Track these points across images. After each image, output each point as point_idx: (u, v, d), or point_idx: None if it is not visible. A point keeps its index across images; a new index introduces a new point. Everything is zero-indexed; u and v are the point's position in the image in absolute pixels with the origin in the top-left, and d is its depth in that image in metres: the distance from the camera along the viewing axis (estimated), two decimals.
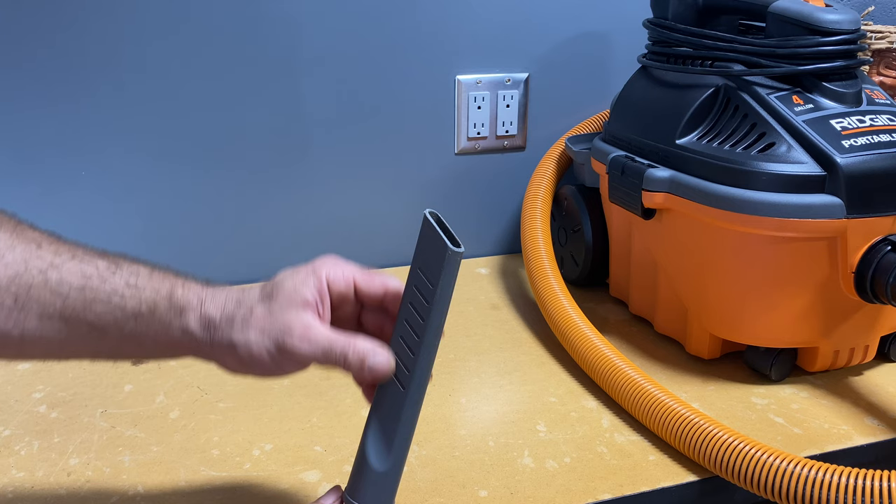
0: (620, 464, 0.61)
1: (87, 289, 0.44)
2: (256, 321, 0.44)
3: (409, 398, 0.44)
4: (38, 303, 0.43)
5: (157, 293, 0.45)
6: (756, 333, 0.70)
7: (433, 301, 0.43)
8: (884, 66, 0.93)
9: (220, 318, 0.45)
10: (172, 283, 0.46)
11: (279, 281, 0.46)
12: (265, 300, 0.45)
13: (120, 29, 0.82)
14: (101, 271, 0.45)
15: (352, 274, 0.46)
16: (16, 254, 0.43)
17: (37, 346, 0.45)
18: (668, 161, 0.72)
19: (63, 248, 0.45)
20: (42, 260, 0.44)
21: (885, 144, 0.64)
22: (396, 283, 0.46)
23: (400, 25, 0.91)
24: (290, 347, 0.44)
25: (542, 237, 0.85)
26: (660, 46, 0.78)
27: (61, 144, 0.85)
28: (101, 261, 0.45)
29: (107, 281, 0.45)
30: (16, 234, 0.44)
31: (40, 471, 0.60)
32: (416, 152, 0.98)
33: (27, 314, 0.43)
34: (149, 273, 0.46)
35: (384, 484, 0.46)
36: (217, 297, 0.46)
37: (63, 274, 0.44)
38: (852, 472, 0.52)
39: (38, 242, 0.45)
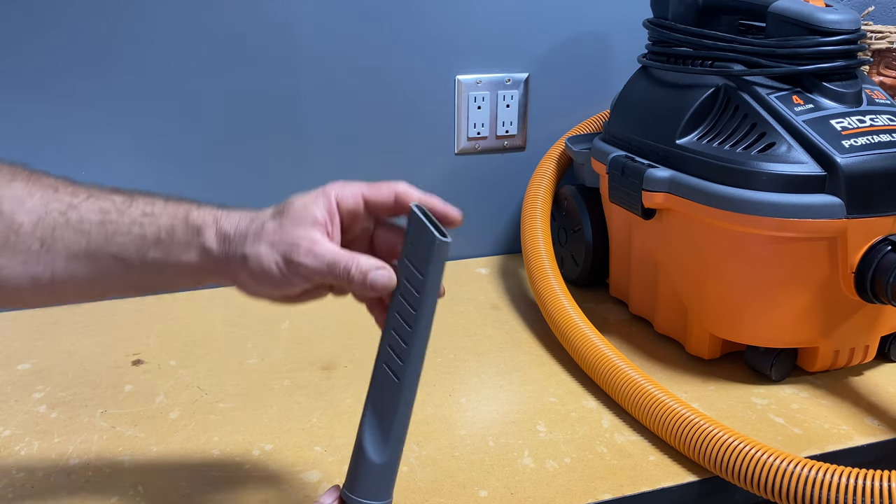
0: (620, 464, 0.61)
1: (106, 223, 0.46)
2: (267, 235, 0.46)
3: (403, 388, 0.45)
4: (63, 243, 0.46)
5: (174, 217, 0.47)
6: (756, 333, 0.70)
7: (423, 291, 0.44)
8: (884, 66, 0.93)
9: (234, 233, 0.47)
10: (187, 207, 0.48)
11: (291, 201, 0.47)
12: (276, 217, 0.46)
13: (119, 28, 0.82)
14: (117, 205, 0.47)
15: (359, 190, 0.47)
16: (35, 200, 0.46)
17: (68, 286, 0.47)
18: (668, 161, 0.72)
19: (80, 190, 0.47)
20: (61, 202, 0.46)
21: (885, 144, 0.64)
22: (405, 186, 0.47)
23: (400, 25, 0.91)
24: (297, 260, 0.45)
25: (542, 237, 0.85)
26: (660, 46, 0.78)
27: (61, 144, 0.85)
28: (117, 196, 0.48)
29: (124, 213, 0.47)
30: (32, 182, 0.47)
31: (40, 471, 0.60)
32: (416, 152, 0.98)
33: (54, 256, 0.46)
34: (164, 201, 0.48)
35: (383, 476, 0.46)
36: (231, 216, 0.48)
37: (82, 212, 0.46)
38: (852, 472, 0.52)
39: (54, 187, 0.47)
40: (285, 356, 0.78)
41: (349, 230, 0.48)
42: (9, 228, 0.45)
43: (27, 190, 0.46)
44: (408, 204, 0.46)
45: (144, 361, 0.76)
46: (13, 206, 0.45)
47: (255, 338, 0.82)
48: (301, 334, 0.82)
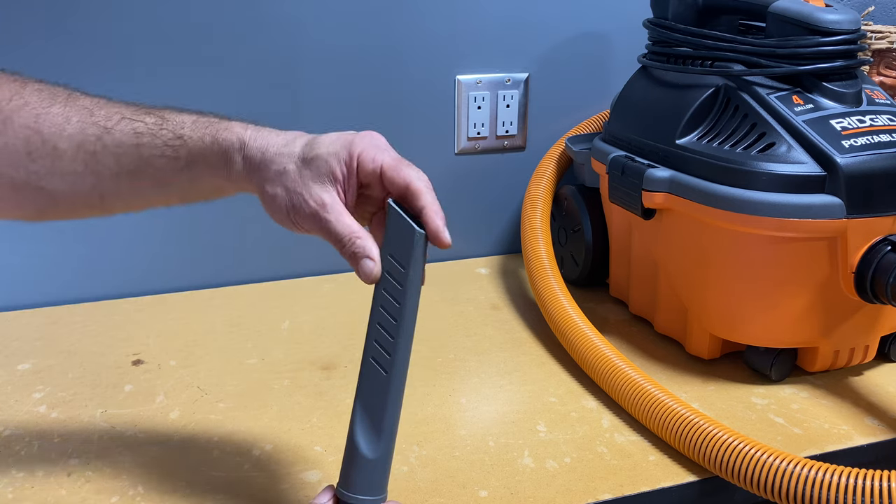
0: (620, 464, 0.61)
1: (141, 146, 0.49)
2: (285, 180, 0.48)
3: (392, 382, 0.46)
4: (104, 165, 0.49)
5: (202, 140, 0.49)
6: (756, 333, 0.70)
7: (406, 283, 0.46)
8: (884, 66, 0.93)
9: (259, 161, 0.49)
10: (216, 127, 0.50)
11: (318, 144, 0.48)
12: (300, 162, 0.48)
13: (120, 27, 0.82)
14: (150, 127, 0.49)
15: (381, 160, 0.48)
16: (73, 125, 0.48)
17: (116, 201, 0.51)
18: (668, 161, 0.72)
19: (113, 111, 0.50)
20: (97, 126, 0.49)
21: (885, 144, 0.64)
22: (420, 183, 0.47)
23: (400, 25, 0.91)
24: (302, 217, 0.48)
25: (542, 237, 0.85)
26: (660, 46, 0.78)
27: None
28: (149, 117, 0.50)
29: (157, 135, 0.49)
30: (69, 105, 0.49)
31: (40, 471, 0.60)
32: (416, 152, 0.97)
33: (98, 177, 0.49)
34: (192, 121, 0.50)
35: (376, 471, 0.46)
36: (259, 139, 0.49)
37: (117, 136, 0.49)
38: (852, 472, 0.52)
39: (90, 109, 0.49)
40: (285, 356, 0.78)
41: (366, 188, 0.49)
42: (53, 156, 0.48)
43: (65, 115, 0.48)
44: (415, 199, 0.47)
45: (144, 361, 0.77)
46: (54, 134, 0.48)
47: (255, 338, 0.82)
48: (301, 334, 0.82)
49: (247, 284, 0.95)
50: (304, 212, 0.47)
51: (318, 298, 0.91)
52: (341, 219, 0.47)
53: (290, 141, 0.49)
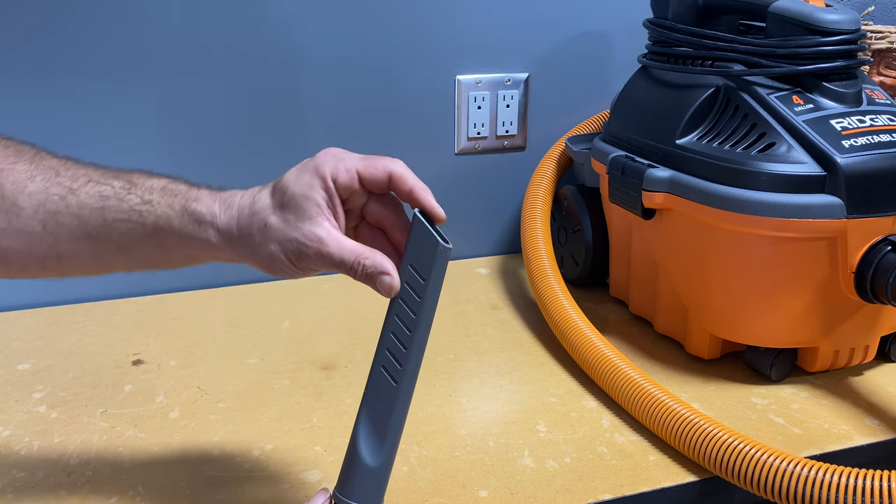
0: (620, 464, 0.61)
1: (106, 209, 0.47)
2: (274, 233, 0.46)
3: (400, 392, 0.45)
4: (65, 227, 0.47)
5: (171, 208, 0.47)
6: (756, 333, 0.70)
7: (424, 295, 0.45)
8: (884, 66, 0.93)
9: (236, 230, 0.47)
10: (185, 197, 0.48)
11: (287, 186, 0.47)
12: (278, 211, 0.47)
13: (120, 27, 0.82)
14: (116, 191, 0.48)
15: (354, 166, 0.47)
16: (37, 183, 0.47)
17: (74, 264, 0.49)
18: (668, 161, 0.72)
19: (80, 173, 0.48)
20: (61, 187, 0.47)
21: (885, 144, 0.64)
22: (399, 166, 0.47)
23: (400, 25, 0.91)
24: (307, 259, 0.46)
25: (542, 237, 0.85)
26: (660, 46, 0.78)
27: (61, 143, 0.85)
28: (116, 181, 0.48)
29: (123, 200, 0.47)
30: (35, 164, 0.47)
31: (40, 471, 0.60)
32: (416, 152, 0.98)
33: (57, 238, 0.47)
34: (161, 188, 0.48)
35: (376, 479, 0.46)
36: (230, 209, 0.48)
37: (82, 198, 0.47)
38: (852, 472, 0.52)
39: (56, 170, 0.48)
40: (285, 356, 0.78)
41: (346, 203, 0.48)
42: (11, 212, 0.46)
43: (29, 173, 0.47)
44: (400, 184, 0.47)
45: (144, 361, 0.77)
46: (15, 190, 0.46)
47: (255, 338, 0.82)
48: (301, 334, 0.82)
49: (247, 284, 0.95)
50: (306, 255, 0.46)
51: (318, 298, 0.91)
52: (343, 245, 0.46)
53: (256, 197, 0.48)
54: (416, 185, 0.46)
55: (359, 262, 0.46)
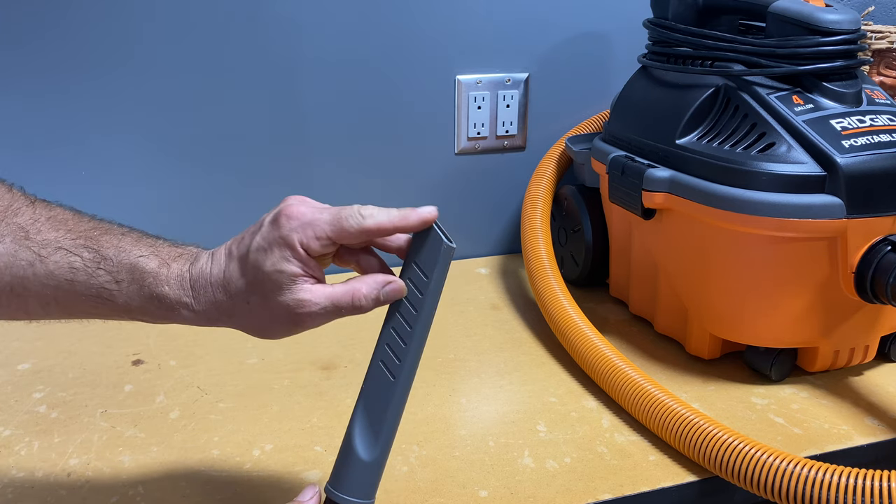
0: (620, 464, 0.61)
1: (75, 283, 0.45)
2: (260, 313, 0.45)
3: (398, 388, 0.46)
4: (32, 292, 0.45)
5: (141, 292, 0.46)
6: (756, 333, 0.70)
7: (426, 292, 0.46)
8: (884, 66, 0.93)
9: (215, 312, 0.46)
10: (154, 279, 0.46)
11: (256, 263, 0.45)
12: (254, 288, 0.45)
13: (120, 27, 0.82)
14: (86, 264, 0.45)
15: (324, 233, 0.44)
16: (6, 244, 0.44)
17: (46, 319, 0.48)
18: (668, 161, 0.72)
19: (50, 237, 0.45)
20: (30, 251, 0.45)
21: (885, 144, 0.64)
22: (370, 220, 0.44)
23: (400, 25, 0.91)
24: (304, 324, 0.46)
25: (542, 237, 0.85)
26: (660, 46, 0.78)
27: (61, 143, 0.85)
28: (86, 252, 0.46)
29: (92, 275, 0.45)
30: (5, 221, 0.45)
31: (40, 471, 0.60)
32: (416, 152, 0.98)
33: (26, 301, 0.45)
34: (130, 268, 0.46)
35: (370, 473, 0.46)
36: (203, 291, 0.46)
37: (50, 267, 0.45)
38: (852, 472, 0.52)
39: (25, 232, 0.45)
40: (285, 356, 0.78)
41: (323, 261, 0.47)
42: None
43: None
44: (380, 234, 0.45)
45: (144, 361, 0.76)
46: None
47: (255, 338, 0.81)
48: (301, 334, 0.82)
49: None
50: (300, 322, 0.45)
51: None
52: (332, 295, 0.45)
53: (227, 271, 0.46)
54: (394, 222, 0.45)
55: (355, 299, 0.45)
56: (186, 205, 0.91)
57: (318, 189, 0.95)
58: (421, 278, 0.46)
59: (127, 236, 0.48)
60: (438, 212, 0.46)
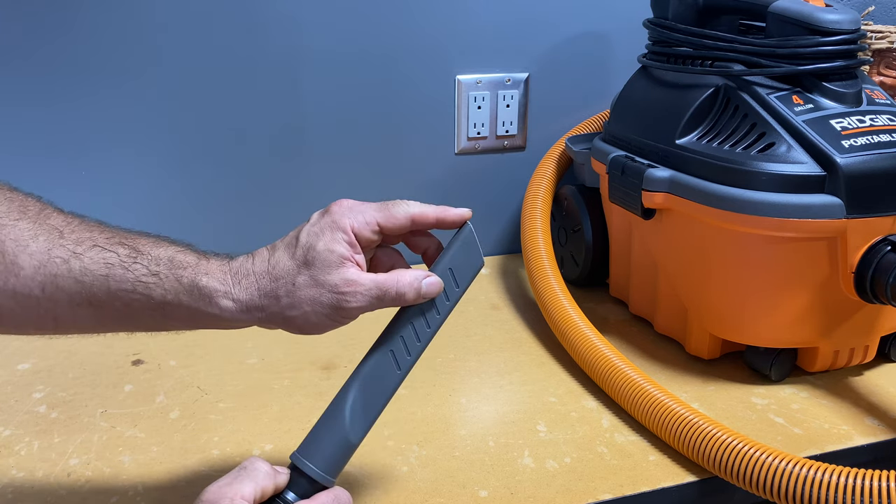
0: (620, 464, 0.61)
1: (110, 278, 0.45)
2: (305, 294, 0.46)
3: (400, 379, 0.48)
4: (65, 292, 0.45)
5: (180, 283, 0.46)
6: (756, 333, 0.70)
7: (453, 299, 0.49)
8: (884, 66, 0.93)
9: (258, 298, 0.46)
10: (194, 270, 0.46)
11: (309, 244, 0.46)
12: (303, 269, 0.46)
13: (120, 29, 0.82)
14: (122, 259, 0.46)
15: (374, 219, 0.47)
16: (39, 243, 0.44)
17: (72, 328, 0.47)
18: (668, 161, 0.72)
19: (84, 236, 0.46)
20: (64, 249, 0.45)
21: (885, 144, 0.64)
22: (415, 207, 0.48)
23: (400, 25, 0.91)
24: (346, 308, 0.46)
25: (542, 237, 0.85)
26: (660, 46, 0.78)
27: (61, 143, 0.85)
28: (122, 248, 0.46)
29: (129, 269, 0.45)
30: (39, 223, 0.45)
31: (40, 471, 0.60)
32: (416, 152, 0.98)
33: (56, 303, 0.45)
34: (168, 260, 0.46)
35: (346, 454, 0.47)
36: (247, 278, 0.47)
37: (86, 262, 0.45)
38: (851, 472, 0.52)
39: (60, 230, 0.45)
40: (285, 356, 0.78)
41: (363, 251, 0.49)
42: (9, 271, 0.44)
43: (32, 231, 0.45)
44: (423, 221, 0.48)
45: (144, 361, 0.77)
46: (16, 249, 0.44)
47: (255, 338, 0.81)
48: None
49: None
50: (344, 301, 0.46)
51: None
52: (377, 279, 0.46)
53: (272, 261, 0.47)
54: (436, 212, 0.48)
55: (396, 283, 0.47)
56: (183, 206, 0.91)
57: (318, 189, 0.95)
58: (452, 286, 0.48)
59: (161, 239, 0.48)
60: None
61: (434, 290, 0.48)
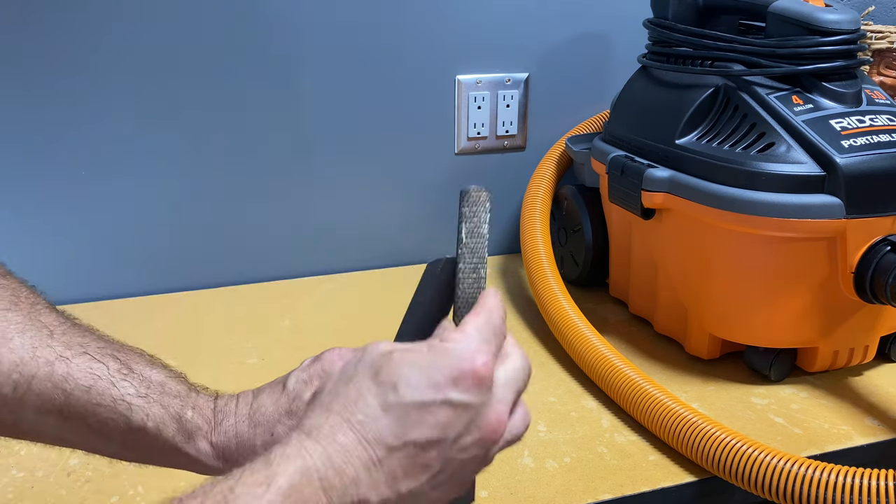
0: (620, 464, 0.61)
1: (93, 389, 0.42)
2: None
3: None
4: (38, 396, 0.41)
5: (167, 410, 0.43)
6: (755, 333, 0.70)
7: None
8: (884, 66, 0.93)
9: (234, 443, 0.43)
10: (183, 402, 0.44)
11: (295, 393, 0.43)
12: (285, 417, 0.43)
13: (119, 29, 0.82)
14: (111, 372, 0.43)
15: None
16: (25, 339, 0.41)
17: (27, 435, 0.43)
18: (667, 161, 0.72)
19: (76, 340, 0.43)
20: (51, 350, 0.41)
21: (885, 144, 0.64)
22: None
23: (400, 25, 0.91)
24: None
25: (542, 237, 0.85)
26: (660, 46, 0.78)
27: (62, 144, 0.85)
28: (113, 361, 0.43)
29: (115, 385, 0.42)
30: (30, 318, 0.42)
31: (40, 471, 0.60)
32: (416, 152, 0.98)
33: (23, 406, 0.41)
34: (161, 385, 0.44)
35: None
36: (226, 421, 0.43)
37: (71, 369, 0.41)
38: (850, 472, 0.52)
39: (50, 330, 0.42)
40: (285, 356, 0.77)
41: None
42: None
43: (20, 325, 0.41)
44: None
45: None
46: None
47: (255, 338, 0.82)
48: (301, 334, 0.82)
49: (247, 284, 0.95)
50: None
51: (318, 298, 0.91)
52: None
53: (255, 405, 0.44)
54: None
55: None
56: (183, 206, 0.91)
57: (318, 189, 0.95)
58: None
59: (154, 360, 0.46)
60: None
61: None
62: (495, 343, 0.37)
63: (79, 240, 0.89)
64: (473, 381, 0.34)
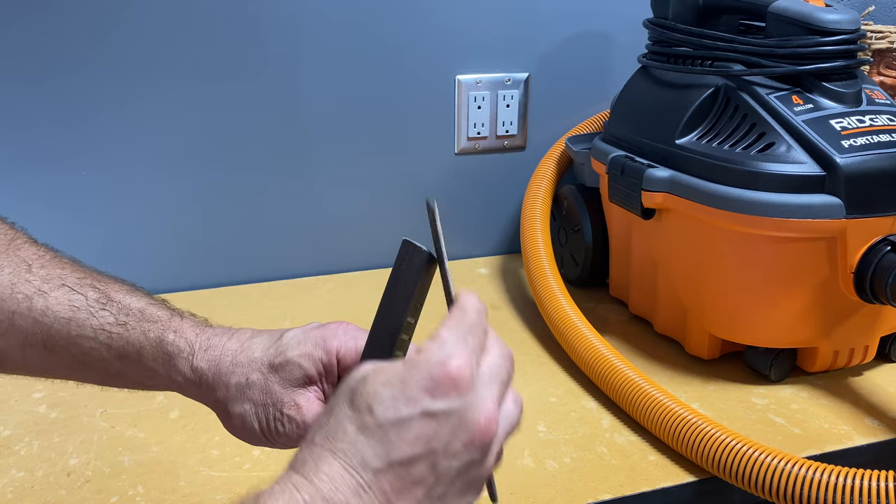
0: (620, 464, 0.61)
1: (73, 321, 0.42)
2: (251, 392, 0.42)
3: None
4: (20, 331, 0.41)
5: (146, 336, 0.43)
6: (755, 333, 0.70)
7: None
8: (884, 66, 0.93)
9: (210, 374, 0.43)
10: (164, 326, 0.43)
11: (285, 346, 0.43)
12: (266, 369, 0.42)
13: (120, 30, 0.82)
14: (90, 303, 0.42)
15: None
16: (3, 275, 0.41)
17: (18, 369, 0.44)
18: (667, 161, 0.72)
19: (55, 273, 0.43)
20: (30, 285, 0.42)
21: (885, 144, 0.64)
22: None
23: (400, 25, 0.91)
24: (279, 429, 0.43)
25: (542, 237, 0.85)
26: (660, 46, 0.78)
27: (62, 144, 0.85)
28: (92, 291, 0.43)
29: (94, 315, 0.42)
30: (7, 254, 0.42)
31: (40, 471, 0.60)
32: (416, 152, 0.98)
33: (9, 341, 0.42)
34: (140, 311, 0.43)
35: None
36: (211, 349, 0.43)
37: (49, 302, 0.42)
38: (851, 472, 0.52)
39: (28, 264, 0.42)
40: None
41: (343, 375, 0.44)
42: None
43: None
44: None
45: None
46: None
47: None
48: None
49: (247, 284, 0.95)
50: (279, 422, 0.42)
51: (318, 298, 0.91)
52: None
53: (245, 346, 0.43)
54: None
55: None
56: (183, 206, 0.91)
57: (318, 189, 0.95)
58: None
59: (135, 288, 0.46)
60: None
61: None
62: (473, 341, 0.35)
63: (79, 241, 0.89)
64: (449, 385, 0.32)
